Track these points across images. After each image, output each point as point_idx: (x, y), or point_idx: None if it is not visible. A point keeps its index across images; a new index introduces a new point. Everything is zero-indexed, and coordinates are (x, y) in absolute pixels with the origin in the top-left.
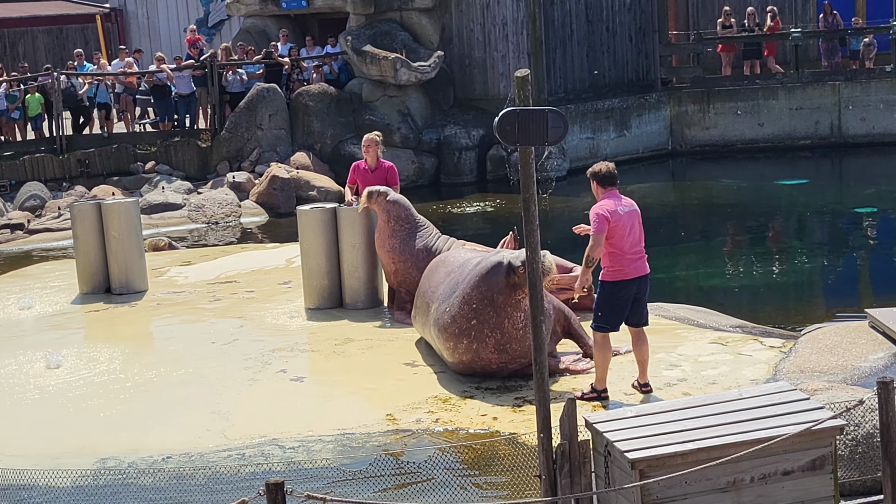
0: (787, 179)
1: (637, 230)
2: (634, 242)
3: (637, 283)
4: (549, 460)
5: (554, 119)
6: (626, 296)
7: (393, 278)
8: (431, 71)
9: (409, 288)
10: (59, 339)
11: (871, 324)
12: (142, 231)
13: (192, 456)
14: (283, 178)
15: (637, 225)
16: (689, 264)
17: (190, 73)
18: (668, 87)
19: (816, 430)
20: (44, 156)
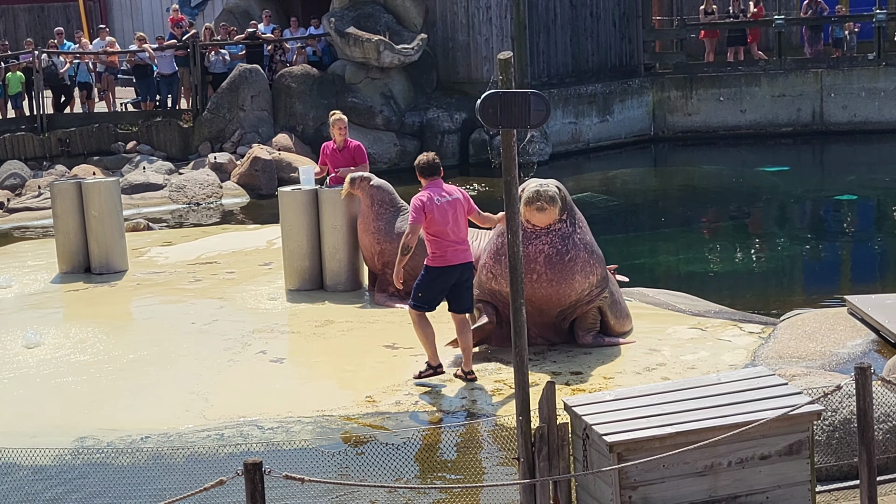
0: (768, 166)
1: (460, 219)
2: (456, 231)
3: (460, 270)
4: (527, 443)
5: (536, 102)
6: (446, 280)
7: (377, 260)
8: (415, 54)
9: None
10: (38, 318)
11: (849, 310)
12: (122, 211)
13: (170, 436)
14: (265, 160)
15: (459, 214)
16: (669, 250)
17: (172, 53)
18: (651, 72)
19: (794, 415)
20: (24, 134)
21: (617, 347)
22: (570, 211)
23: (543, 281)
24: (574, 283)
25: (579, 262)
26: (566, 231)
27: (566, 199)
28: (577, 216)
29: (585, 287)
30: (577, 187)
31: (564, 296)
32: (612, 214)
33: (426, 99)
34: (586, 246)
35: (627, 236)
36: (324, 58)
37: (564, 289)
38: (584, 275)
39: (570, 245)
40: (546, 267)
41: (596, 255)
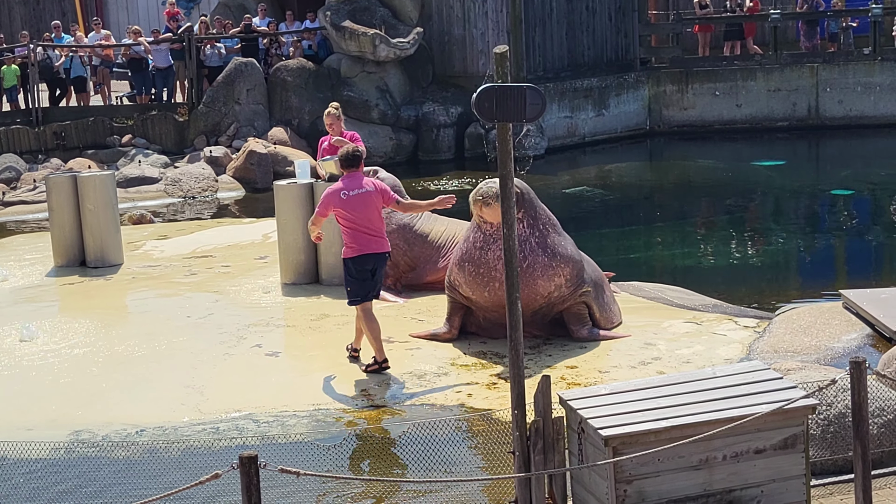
0: (764, 161)
1: (371, 211)
2: (369, 221)
3: (374, 259)
4: (522, 436)
5: (532, 96)
6: (365, 269)
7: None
8: (410, 47)
9: (396, 261)
10: (34, 311)
11: (844, 305)
12: (117, 204)
13: (166, 429)
14: (261, 153)
15: (371, 206)
16: (665, 244)
17: (168, 46)
18: (647, 66)
19: (789, 409)
20: (19, 128)
21: (612, 341)
22: (529, 212)
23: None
24: (537, 287)
25: (539, 267)
26: (522, 235)
27: (523, 198)
28: (540, 218)
29: (551, 289)
30: (573, 181)
31: (529, 301)
32: (607, 208)
33: (422, 93)
34: (546, 249)
35: (623, 230)
36: (319, 51)
37: (527, 294)
38: (546, 279)
39: (528, 250)
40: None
41: (560, 256)
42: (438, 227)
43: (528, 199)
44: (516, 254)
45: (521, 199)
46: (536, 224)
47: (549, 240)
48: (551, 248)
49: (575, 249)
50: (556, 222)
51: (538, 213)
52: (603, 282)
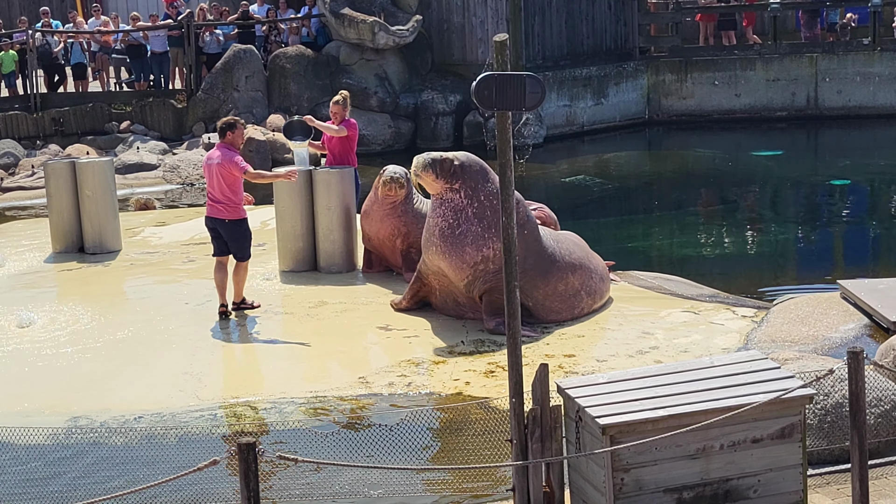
0: (762, 150)
1: (214, 180)
2: (212, 188)
3: (212, 222)
4: (520, 425)
5: (532, 84)
6: (209, 228)
7: (402, 242)
8: (409, 35)
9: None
10: (31, 297)
11: (842, 295)
12: (116, 191)
13: (164, 416)
14: (259, 141)
15: (214, 176)
16: (663, 233)
17: (165, 32)
18: (646, 55)
19: (786, 398)
20: (18, 113)
21: (610, 331)
22: (467, 183)
23: (439, 253)
24: (465, 255)
25: (470, 236)
26: (459, 204)
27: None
28: (482, 190)
29: (478, 259)
30: (571, 170)
31: (459, 268)
32: (605, 198)
33: (421, 81)
34: (482, 220)
35: (621, 219)
36: (318, 39)
37: (457, 261)
38: (475, 248)
39: (463, 219)
40: (440, 240)
41: (495, 227)
42: None
43: (467, 169)
44: (514, 241)
45: (458, 170)
46: (476, 195)
47: (490, 211)
48: (488, 219)
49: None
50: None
51: (480, 185)
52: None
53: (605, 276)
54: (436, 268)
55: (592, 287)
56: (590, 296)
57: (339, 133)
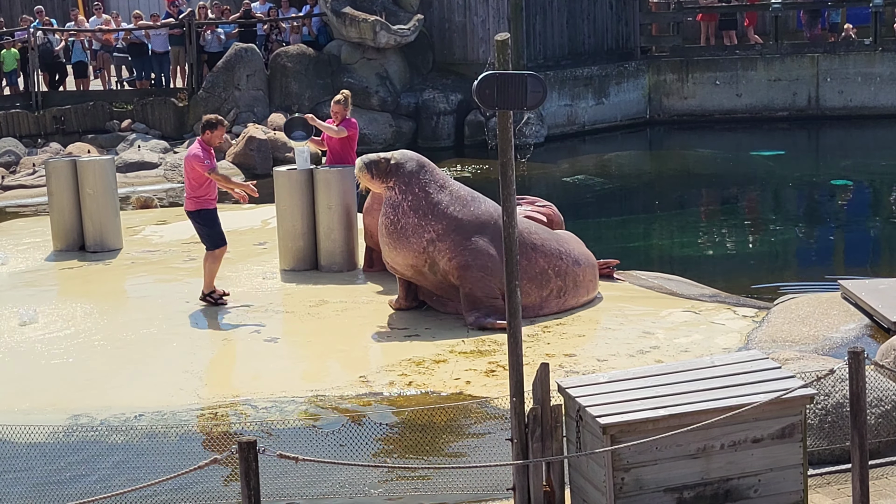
0: (763, 150)
1: (185, 173)
2: (186, 181)
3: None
4: (521, 424)
5: (533, 83)
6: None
7: None
8: (411, 34)
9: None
10: (33, 295)
11: (843, 295)
12: (117, 189)
13: (164, 414)
14: (260, 139)
15: (185, 170)
16: (664, 233)
17: (166, 31)
18: (648, 55)
19: (787, 398)
20: (19, 112)
21: (611, 330)
22: (400, 179)
23: (390, 250)
24: (411, 246)
25: (410, 227)
26: (396, 200)
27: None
28: (416, 183)
29: (424, 244)
30: (572, 170)
31: (413, 258)
32: (606, 197)
33: (422, 80)
34: (417, 210)
35: (622, 219)
36: (319, 37)
37: (405, 254)
38: (417, 236)
39: (400, 213)
40: (388, 237)
41: (431, 214)
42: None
43: (401, 167)
44: (516, 242)
45: (392, 169)
46: (410, 189)
47: (425, 201)
48: (423, 209)
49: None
50: (448, 185)
51: (414, 179)
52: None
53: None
54: (395, 265)
55: (562, 268)
56: (560, 277)
57: (338, 134)
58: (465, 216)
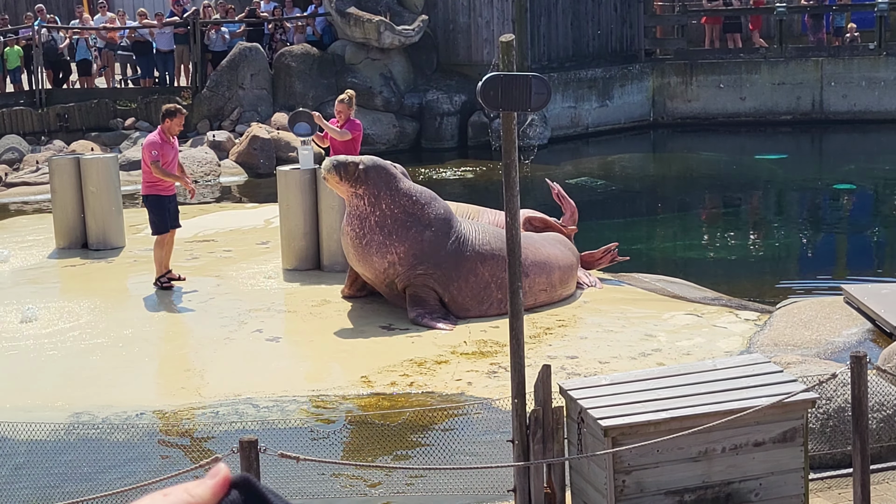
0: (767, 154)
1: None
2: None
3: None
4: (522, 426)
5: (537, 85)
6: None
7: None
8: (415, 35)
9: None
10: (35, 293)
11: (845, 299)
12: (120, 187)
13: (165, 413)
14: (264, 139)
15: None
16: (666, 236)
17: (171, 29)
18: (652, 58)
19: (788, 402)
20: (23, 109)
21: (613, 333)
22: (371, 190)
23: (354, 260)
24: (373, 262)
25: (374, 245)
26: (364, 212)
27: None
28: (386, 196)
29: (385, 265)
30: (576, 171)
31: (373, 275)
32: (609, 199)
33: (426, 80)
34: (383, 228)
35: (625, 221)
36: (324, 37)
37: (367, 267)
38: (380, 255)
39: (367, 228)
40: (353, 248)
41: (396, 235)
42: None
43: (371, 175)
44: (519, 243)
45: (361, 175)
46: (378, 203)
47: (391, 219)
48: (389, 227)
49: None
50: (414, 198)
51: (383, 191)
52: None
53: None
54: (357, 271)
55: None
56: (501, 290)
57: (342, 136)
58: (426, 235)
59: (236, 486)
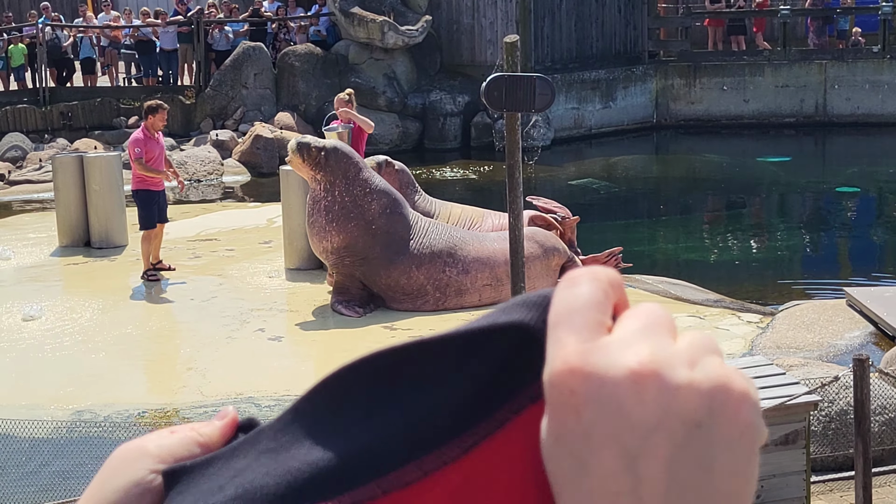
0: (770, 156)
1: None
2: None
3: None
4: None
5: (541, 86)
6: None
7: None
8: (419, 35)
9: None
10: (37, 291)
11: (848, 302)
12: (123, 185)
13: (167, 411)
14: (267, 138)
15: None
16: (669, 238)
17: (175, 29)
18: (655, 59)
19: (790, 404)
20: (26, 107)
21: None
22: (328, 175)
23: (308, 235)
24: (316, 244)
25: (316, 227)
26: (318, 195)
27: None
28: (342, 183)
29: (320, 249)
30: (578, 173)
31: (316, 253)
32: (612, 201)
33: (429, 81)
34: (329, 213)
35: (627, 223)
36: (328, 37)
37: (316, 248)
38: (318, 238)
39: (316, 210)
40: (307, 225)
41: (336, 222)
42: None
43: (331, 161)
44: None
45: (322, 160)
46: (332, 189)
47: (338, 206)
48: (333, 214)
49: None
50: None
51: (339, 180)
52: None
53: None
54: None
55: (442, 281)
56: (439, 290)
57: (369, 126)
58: (363, 231)
59: (243, 429)
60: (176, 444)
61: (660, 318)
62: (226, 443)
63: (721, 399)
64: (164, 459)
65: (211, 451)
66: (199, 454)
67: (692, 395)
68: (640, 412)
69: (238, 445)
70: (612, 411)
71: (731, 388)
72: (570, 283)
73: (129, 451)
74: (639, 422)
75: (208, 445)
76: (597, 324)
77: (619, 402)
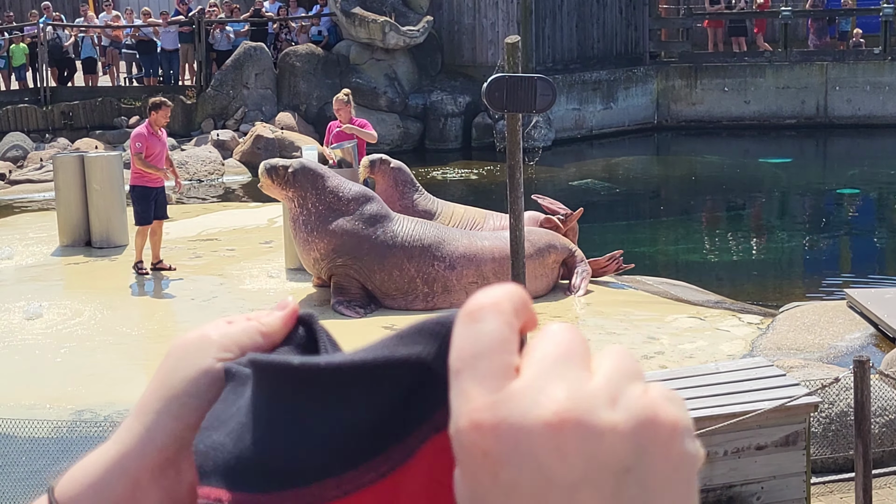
0: (771, 158)
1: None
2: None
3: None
4: None
5: (543, 87)
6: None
7: None
8: (420, 36)
9: None
10: (38, 290)
11: (849, 304)
12: (124, 185)
13: None
14: (268, 138)
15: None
16: (670, 239)
17: (176, 28)
18: (657, 60)
19: (791, 406)
20: (27, 106)
21: (616, 335)
22: (298, 192)
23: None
24: (304, 258)
25: (300, 242)
26: (294, 214)
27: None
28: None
29: (311, 262)
30: (579, 174)
31: (309, 268)
32: (613, 202)
33: (430, 81)
34: (308, 225)
35: (628, 224)
36: (329, 37)
37: (306, 262)
38: (307, 251)
39: (297, 228)
40: (296, 247)
41: (317, 230)
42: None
43: (299, 178)
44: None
45: (290, 178)
46: (304, 204)
47: (314, 216)
48: (312, 224)
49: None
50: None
51: (309, 192)
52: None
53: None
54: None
55: (431, 275)
56: (427, 285)
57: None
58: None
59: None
60: (240, 333)
61: (571, 344)
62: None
63: (648, 436)
64: (228, 348)
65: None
66: (261, 343)
67: (616, 439)
68: (562, 468)
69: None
70: (532, 470)
71: (658, 421)
72: (471, 318)
73: (192, 340)
74: (562, 479)
75: (271, 335)
76: (503, 368)
77: (538, 459)
